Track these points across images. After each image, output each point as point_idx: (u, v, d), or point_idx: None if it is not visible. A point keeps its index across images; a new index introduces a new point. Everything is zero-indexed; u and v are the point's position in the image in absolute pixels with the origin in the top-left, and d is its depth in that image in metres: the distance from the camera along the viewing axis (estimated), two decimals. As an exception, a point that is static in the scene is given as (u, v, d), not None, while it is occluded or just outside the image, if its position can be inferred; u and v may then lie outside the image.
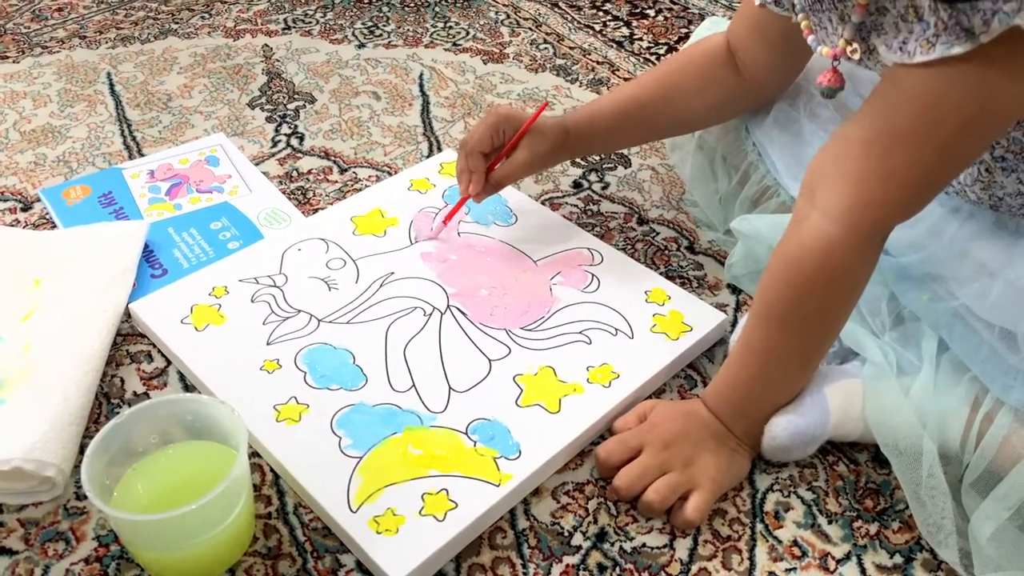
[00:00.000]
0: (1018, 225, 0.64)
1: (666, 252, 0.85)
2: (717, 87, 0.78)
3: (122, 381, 0.70)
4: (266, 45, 1.15)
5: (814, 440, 0.62)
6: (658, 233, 0.87)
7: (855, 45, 0.59)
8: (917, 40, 0.53)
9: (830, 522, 0.62)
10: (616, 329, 0.74)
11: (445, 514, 0.59)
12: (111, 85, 1.06)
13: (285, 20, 1.20)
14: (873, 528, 0.62)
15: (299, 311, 0.75)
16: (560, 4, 1.26)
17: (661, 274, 0.81)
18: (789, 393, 0.63)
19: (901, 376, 0.63)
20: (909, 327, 0.66)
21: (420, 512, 0.59)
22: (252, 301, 0.75)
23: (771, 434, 0.62)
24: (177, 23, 1.19)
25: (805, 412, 0.62)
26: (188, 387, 0.70)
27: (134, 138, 0.98)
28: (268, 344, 0.71)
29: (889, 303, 0.68)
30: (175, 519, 0.52)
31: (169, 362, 0.72)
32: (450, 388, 0.69)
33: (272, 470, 0.64)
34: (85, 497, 0.62)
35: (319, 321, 0.74)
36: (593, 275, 0.79)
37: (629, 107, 0.79)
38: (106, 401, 0.69)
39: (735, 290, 0.80)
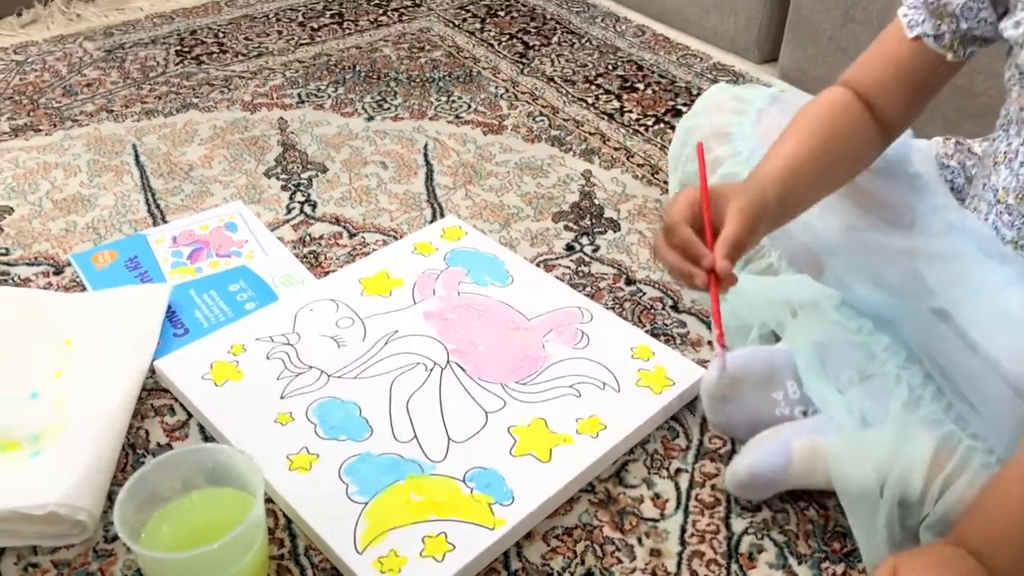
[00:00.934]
0: None
1: (652, 311, 0.91)
2: (868, 136, 0.73)
3: (147, 433, 0.76)
4: (281, 118, 1.23)
5: (772, 484, 0.67)
6: (645, 293, 0.93)
7: None
8: None
9: (800, 563, 0.67)
10: (604, 383, 0.80)
11: (444, 555, 0.65)
12: (136, 156, 1.14)
13: (299, 94, 1.29)
14: (840, 569, 0.66)
15: (310, 367, 0.81)
16: (555, 79, 1.34)
17: (647, 332, 0.87)
18: None
19: (866, 428, 0.68)
20: (876, 383, 0.71)
21: (421, 553, 0.65)
22: (267, 358, 0.82)
23: (733, 470, 0.67)
24: (198, 97, 1.27)
25: (767, 458, 0.67)
26: (208, 438, 0.76)
27: (158, 206, 1.05)
28: (282, 398, 0.77)
29: (866, 362, 0.72)
30: (198, 557, 0.58)
31: (190, 415, 0.78)
32: (449, 439, 0.74)
33: (285, 515, 0.70)
34: (113, 540, 0.67)
35: (329, 376, 0.80)
36: (583, 332, 0.85)
37: (817, 164, 0.70)
38: (132, 451, 0.75)
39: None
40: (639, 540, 0.68)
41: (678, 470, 0.74)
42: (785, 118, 0.75)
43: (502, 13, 1.56)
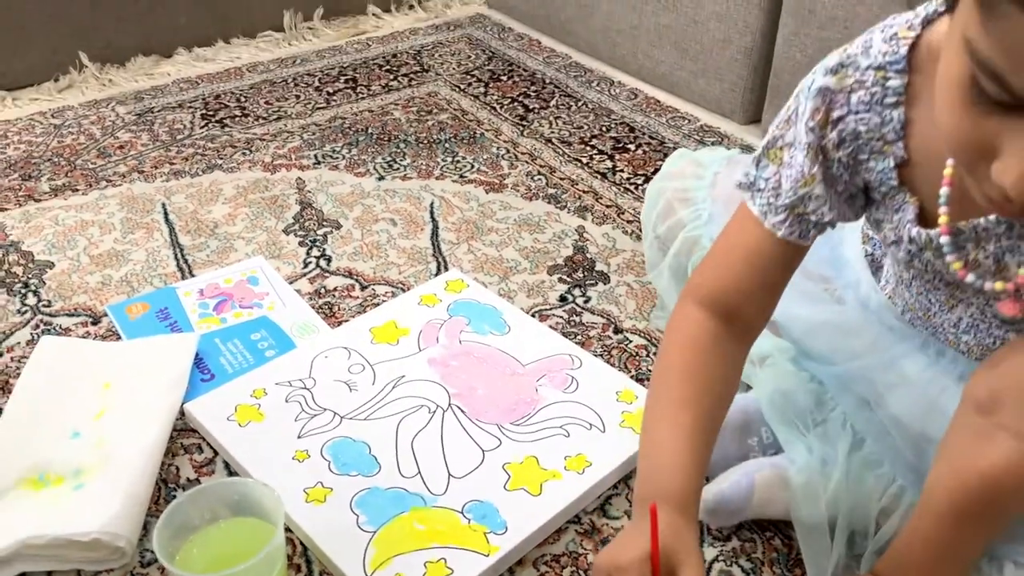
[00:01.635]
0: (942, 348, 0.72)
1: (637, 358, 0.99)
2: (736, 367, 0.69)
3: (177, 469, 0.85)
4: (299, 178, 1.33)
5: (737, 512, 0.75)
6: (631, 341, 1.01)
7: None
8: None
9: (765, 587, 0.74)
10: (591, 424, 0.88)
11: (443, 579, 0.72)
12: (166, 214, 1.24)
13: (315, 156, 1.39)
14: (800, 592, 0.74)
15: (325, 409, 0.89)
16: (553, 140, 1.44)
17: (632, 377, 0.95)
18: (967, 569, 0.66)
19: (824, 467, 0.76)
20: (829, 427, 0.79)
21: (423, 577, 0.72)
22: (286, 401, 0.90)
23: (704, 498, 0.75)
24: (222, 159, 1.38)
25: (732, 487, 0.75)
26: (232, 473, 0.84)
27: (186, 260, 1.15)
28: (299, 437, 0.86)
29: (816, 409, 0.81)
30: (226, 577, 0.66)
31: (216, 453, 0.86)
32: (449, 474, 0.82)
33: (301, 542, 0.77)
34: (148, 565, 0.75)
35: (342, 418, 0.88)
36: (573, 378, 0.94)
37: (706, 449, 0.66)
38: (164, 486, 0.83)
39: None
40: (620, 566, 0.76)
41: (657, 503, 0.82)
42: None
43: (504, 78, 1.66)
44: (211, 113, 1.52)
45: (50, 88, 1.60)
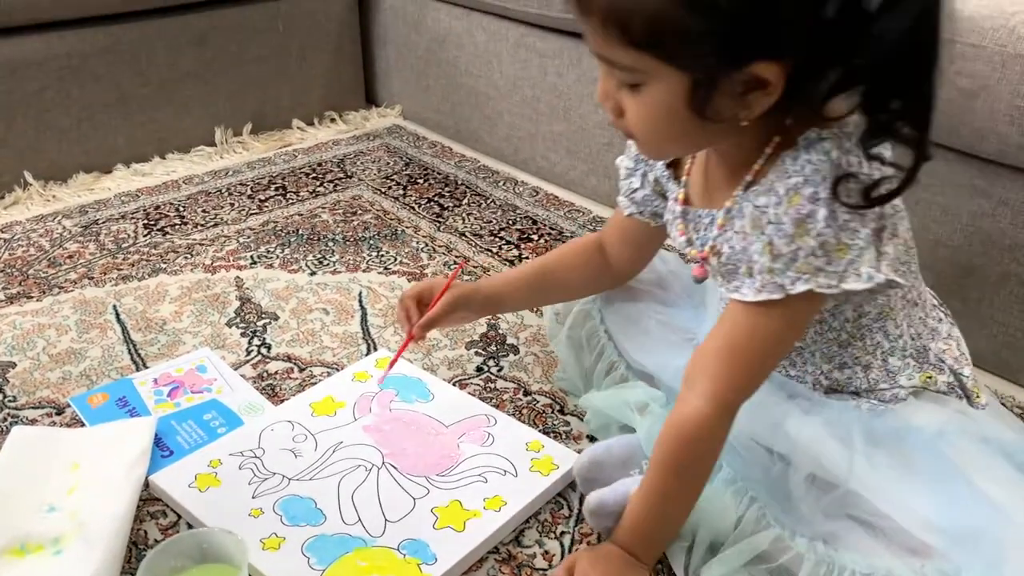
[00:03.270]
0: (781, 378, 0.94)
1: (543, 415, 1.16)
2: (592, 271, 1.09)
3: (146, 532, 0.96)
4: (238, 277, 1.48)
5: (613, 515, 0.89)
6: (538, 401, 1.18)
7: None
8: (749, 288, 0.79)
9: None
10: (505, 471, 1.03)
11: (384, 603, 0.86)
12: (117, 315, 1.37)
13: (252, 256, 1.54)
14: (680, 591, 0.90)
15: (274, 473, 1.02)
16: (466, 233, 1.63)
17: (539, 431, 1.11)
18: (679, 522, 0.86)
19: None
20: None
21: (367, 602, 0.86)
22: (239, 468, 1.03)
23: (588, 501, 0.92)
24: (165, 263, 1.52)
25: (611, 494, 0.90)
26: (194, 533, 0.96)
27: (139, 354, 1.27)
28: (253, 497, 0.99)
29: None
30: (200, 609, 0.78)
31: (180, 516, 0.98)
32: (385, 519, 0.96)
33: (260, 585, 0.90)
34: (126, 612, 0.86)
35: (289, 479, 1.02)
36: (490, 434, 1.10)
37: (530, 280, 1.11)
38: (135, 547, 0.94)
39: (592, 438, 1.11)
40: (533, 584, 0.91)
41: (562, 532, 0.97)
42: None
43: (421, 181, 1.86)
44: (152, 223, 1.66)
45: (-4, 205, 1.72)
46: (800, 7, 0.67)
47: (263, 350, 1.29)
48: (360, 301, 1.41)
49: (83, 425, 1.13)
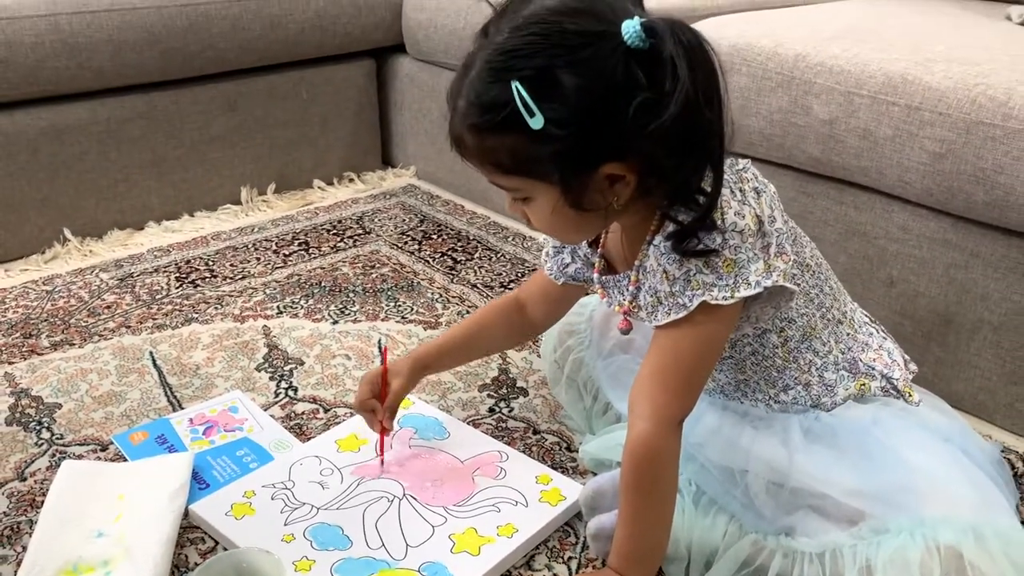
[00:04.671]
0: (737, 405, 1.05)
1: (552, 452, 1.24)
2: (513, 328, 1.22)
3: (186, 556, 1.05)
4: (265, 325, 1.58)
5: (611, 539, 0.98)
6: (547, 439, 1.27)
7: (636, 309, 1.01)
8: (662, 315, 0.93)
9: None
10: (516, 501, 1.12)
11: (407, 618, 0.94)
12: (153, 361, 1.47)
13: (278, 307, 1.65)
14: (678, 610, 0.97)
15: (304, 503, 1.11)
16: (478, 285, 1.74)
17: (548, 466, 1.20)
18: (658, 538, 0.92)
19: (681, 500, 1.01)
20: (680, 482, 1.05)
21: (391, 618, 0.94)
22: (272, 499, 1.12)
23: (588, 527, 1.00)
24: (197, 313, 1.62)
25: (609, 519, 0.99)
26: (231, 557, 1.04)
27: (175, 396, 1.37)
28: (285, 525, 1.07)
29: None
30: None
31: (217, 542, 1.07)
32: (407, 544, 1.05)
33: (293, 603, 0.98)
34: (171, 627, 0.94)
35: (318, 509, 1.10)
36: (502, 468, 1.18)
37: (459, 342, 1.21)
38: (176, 570, 1.03)
39: (595, 473, 1.19)
40: (543, 604, 0.99)
41: (570, 557, 1.06)
42: (606, 311, 1.20)
43: (435, 236, 1.98)
44: (184, 276, 1.77)
45: (38, 260, 1.84)
46: (613, 124, 0.81)
47: (290, 392, 1.39)
48: (379, 348, 1.51)
49: (126, 460, 1.22)
